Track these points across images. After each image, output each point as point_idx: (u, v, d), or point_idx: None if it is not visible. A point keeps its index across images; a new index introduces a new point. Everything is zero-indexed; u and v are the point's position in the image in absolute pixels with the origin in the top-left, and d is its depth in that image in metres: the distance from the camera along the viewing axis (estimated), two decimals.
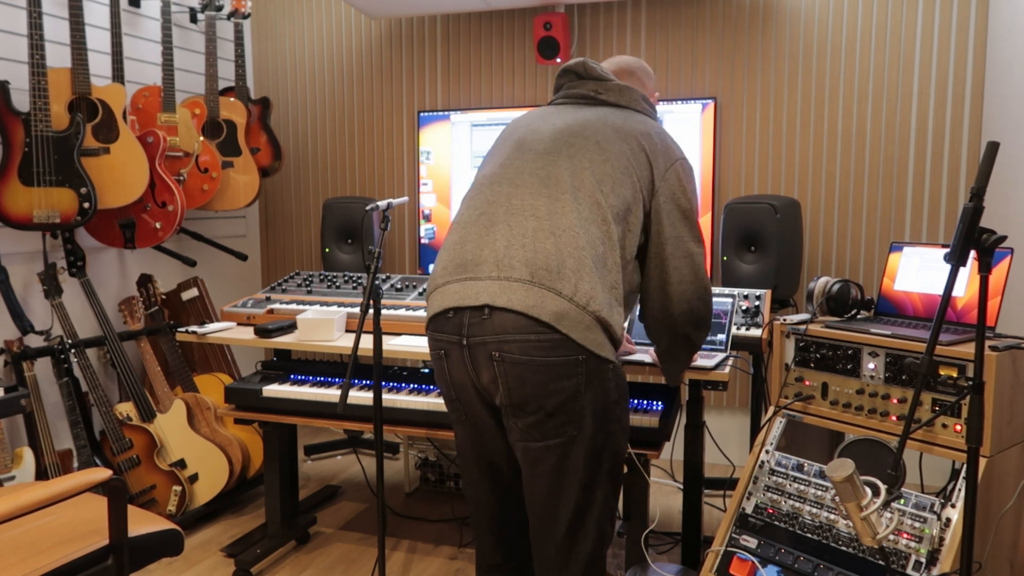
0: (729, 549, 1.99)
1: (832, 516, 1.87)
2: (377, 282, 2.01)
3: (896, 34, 3.19)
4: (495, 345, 1.45)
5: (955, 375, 1.76)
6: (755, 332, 2.29)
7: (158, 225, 2.95)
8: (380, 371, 2.05)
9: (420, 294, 2.74)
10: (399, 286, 2.84)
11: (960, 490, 1.71)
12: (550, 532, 1.55)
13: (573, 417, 1.49)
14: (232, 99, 3.42)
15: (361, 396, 2.36)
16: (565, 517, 1.54)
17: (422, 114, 3.44)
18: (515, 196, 1.54)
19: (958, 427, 1.75)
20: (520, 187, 1.55)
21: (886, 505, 1.60)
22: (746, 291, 2.44)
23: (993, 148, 1.40)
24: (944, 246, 1.95)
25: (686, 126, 3.11)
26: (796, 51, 3.32)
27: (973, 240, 1.40)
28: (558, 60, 3.46)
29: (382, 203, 2.07)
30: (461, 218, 1.62)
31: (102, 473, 1.51)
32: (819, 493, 1.92)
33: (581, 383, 1.47)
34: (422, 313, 2.54)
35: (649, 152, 1.62)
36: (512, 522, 1.69)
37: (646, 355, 2.06)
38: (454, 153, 3.36)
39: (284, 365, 2.68)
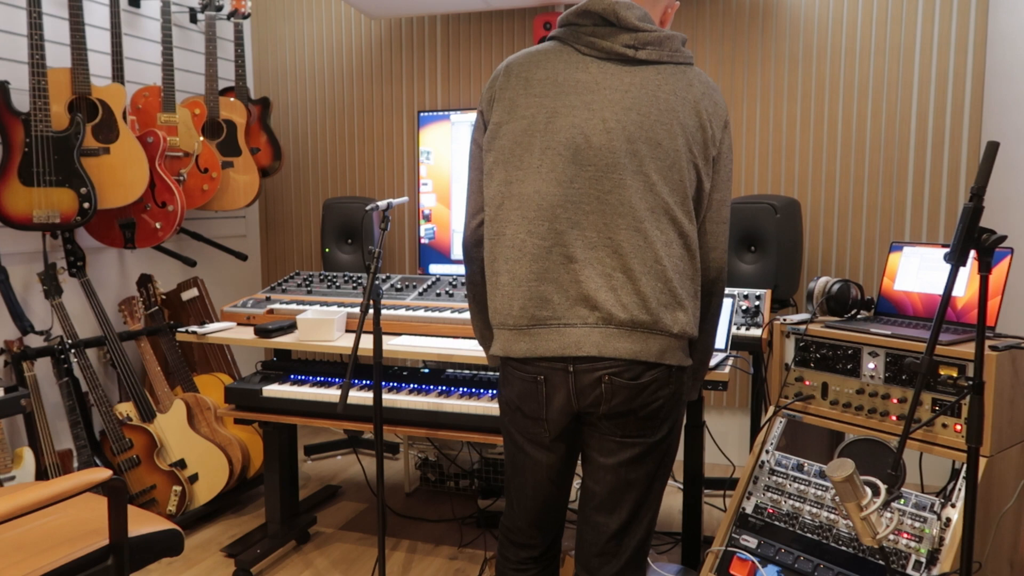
0: (729, 549, 1.99)
1: (832, 516, 1.87)
2: (377, 282, 2.01)
3: (896, 34, 3.19)
4: (605, 372, 1.46)
5: (955, 375, 1.76)
6: (755, 332, 2.29)
7: (158, 225, 2.95)
8: (380, 371, 2.05)
9: (420, 294, 2.74)
10: (399, 286, 2.84)
11: (960, 490, 1.71)
12: (607, 523, 1.57)
13: (658, 421, 1.54)
14: (232, 99, 3.42)
15: (361, 396, 2.36)
16: (627, 509, 1.56)
17: (422, 114, 3.44)
18: (588, 227, 1.45)
19: (958, 427, 1.75)
20: (591, 215, 1.45)
21: (886, 505, 1.60)
22: (746, 291, 2.44)
23: (993, 148, 1.40)
24: (944, 246, 1.95)
25: None
26: (796, 51, 3.32)
27: (973, 240, 1.40)
28: None
29: (382, 203, 2.06)
30: (524, 246, 1.47)
31: (102, 473, 1.51)
32: (819, 493, 1.92)
33: (673, 391, 1.53)
34: (422, 313, 2.54)
35: (706, 123, 1.50)
36: (558, 518, 1.70)
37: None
38: (454, 153, 3.36)
39: (284, 365, 2.68)
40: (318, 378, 2.54)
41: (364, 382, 2.48)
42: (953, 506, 1.70)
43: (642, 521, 1.59)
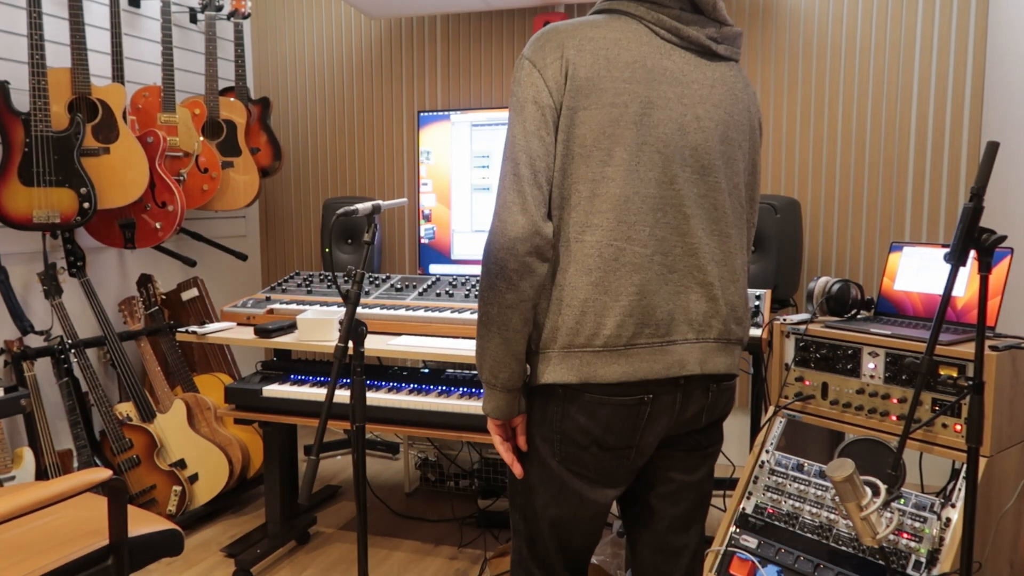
0: (729, 549, 1.99)
1: (832, 516, 1.87)
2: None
3: (896, 34, 3.19)
4: (711, 382, 1.40)
5: (955, 375, 1.76)
6: (755, 332, 2.29)
7: (158, 225, 2.95)
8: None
9: (420, 294, 2.74)
10: (399, 286, 2.84)
11: (960, 490, 1.71)
12: (687, 543, 1.50)
13: (722, 424, 1.52)
14: (232, 99, 3.42)
15: None
16: (701, 521, 1.51)
17: (422, 114, 3.44)
18: (688, 233, 1.33)
19: (958, 427, 1.75)
20: (689, 219, 1.33)
21: (886, 505, 1.60)
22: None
23: (993, 148, 1.40)
24: (944, 246, 1.95)
25: None
26: (796, 50, 3.32)
27: (973, 240, 1.40)
28: None
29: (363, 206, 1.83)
30: (622, 254, 1.29)
31: (102, 473, 1.51)
32: (819, 493, 1.92)
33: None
34: (422, 313, 2.54)
35: (758, 123, 1.48)
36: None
37: None
38: (454, 153, 3.35)
39: (284, 365, 2.68)
40: (318, 378, 2.54)
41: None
42: (953, 506, 1.70)
43: (704, 529, 1.54)
